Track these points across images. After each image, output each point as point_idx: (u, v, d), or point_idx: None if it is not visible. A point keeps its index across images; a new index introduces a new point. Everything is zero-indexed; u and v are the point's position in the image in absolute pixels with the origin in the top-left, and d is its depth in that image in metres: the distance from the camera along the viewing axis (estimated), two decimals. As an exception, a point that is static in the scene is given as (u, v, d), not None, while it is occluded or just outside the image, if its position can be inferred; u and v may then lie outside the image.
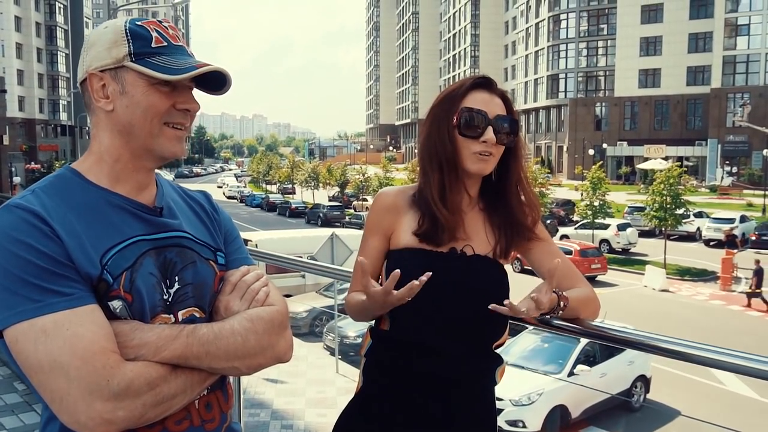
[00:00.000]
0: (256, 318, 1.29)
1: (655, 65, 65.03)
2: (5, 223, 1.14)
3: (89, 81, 1.25)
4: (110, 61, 1.23)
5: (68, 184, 1.25)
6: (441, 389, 1.64)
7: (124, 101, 1.24)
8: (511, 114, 1.70)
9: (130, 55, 1.23)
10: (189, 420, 1.27)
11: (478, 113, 1.65)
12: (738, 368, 1.47)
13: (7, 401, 4.43)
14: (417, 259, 1.63)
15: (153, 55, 1.24)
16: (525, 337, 12.57)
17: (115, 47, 1.23)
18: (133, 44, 1.23)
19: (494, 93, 1.69)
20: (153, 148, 1.26)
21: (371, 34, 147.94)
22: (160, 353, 1.16)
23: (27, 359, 1.10)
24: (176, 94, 1.26)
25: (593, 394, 11.28)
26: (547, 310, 1.60)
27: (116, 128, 1.25)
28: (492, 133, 1.64)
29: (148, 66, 1.22)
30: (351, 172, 56.82)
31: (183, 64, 1.24)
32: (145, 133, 1.25)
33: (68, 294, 1.12)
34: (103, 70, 1.24)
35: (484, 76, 1.72)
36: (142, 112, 1.23)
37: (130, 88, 1.23)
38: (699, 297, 22.52)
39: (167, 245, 1.28)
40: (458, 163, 1.67)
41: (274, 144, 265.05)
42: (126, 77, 1.23)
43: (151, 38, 1.25)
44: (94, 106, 1.27)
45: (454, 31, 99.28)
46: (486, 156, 1.65)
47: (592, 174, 31.11)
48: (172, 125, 1.27)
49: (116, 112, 1.24)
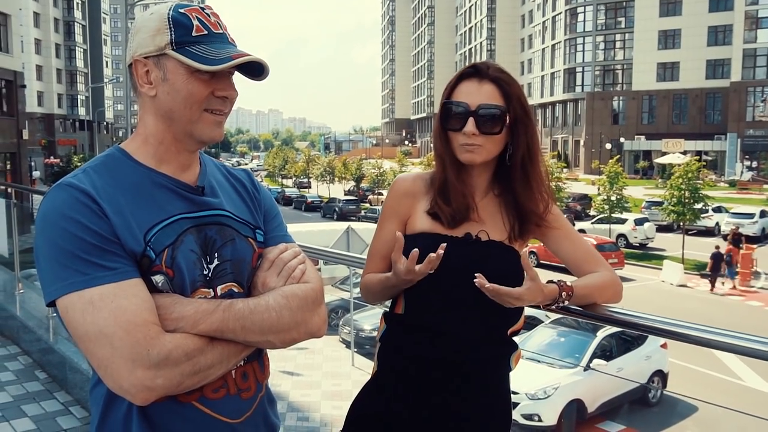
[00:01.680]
0: (291, 295, 1.34)
1: (673, 58, 64.26)
2: (58, 201, 1.22)
3: (134, 66, 1.31)
4: (153, 48, 1.28)
5: (117, 163, 1.32)
6: (455, 374, 1.65)
7: (166, 88, 1.29)
8: (510, 99, 1.64)
9: (172, 44, 1.28)
10: (225, 389, 1.33)
11: (458, 105, 1.65)
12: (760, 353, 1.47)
13: (29, 389, 4.49)
14: (431, 243, 1.63)
15: (193, 44, 1.28)
16: (541, 331, 12.54)
17: (159, 35, 1.28)
18: (174, 33, 1.28)
19: (485, 80, 1.65)
20: (193, 133, 1.32)
21: (387, 28, 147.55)
22: (197, 326, 1.23)
23: (76, 328, 1.18)
24: (215, 81, 1.30)
25: (610, 388, 11.23)
26: (545, 301, 1.60)
27: (159, 113, 1.31)
28: (473, 125, 1.62)
29: (187, 55, 1.27)
30: (366, 166, 56.88)
31: (221, 54, 1.28)
32: (185, 119, 1.30)
33: (114, 268, 1.19)
34: (146, 56, 1.29)
35: (474, 64, 1.69)
36: (182, 100, 1.29)
37: (171, 75, 1.28)
38: (718, 292, 22.32)
39: (208, 223, 1.34)
40: (453, 154, 1.69)
41: (290, 138, 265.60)
42: (167, 65, 1.28)
43: (192, 27, 1.29)
44: (140, 91, 1.32)
45: (470, 25, 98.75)
46: (471, 147, 1.65)
47: (609, 168, 30.87)
48: (212, 111, 1.32)
49: (159, 97, 1.30)
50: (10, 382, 4.60)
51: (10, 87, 27.17)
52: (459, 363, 1.65)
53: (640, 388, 11.93)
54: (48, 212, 1.22)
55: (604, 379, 11.24)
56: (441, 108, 1.69)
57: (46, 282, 1.21)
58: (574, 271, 1.76)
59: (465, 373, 1.66)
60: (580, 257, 1.75)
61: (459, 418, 1.66)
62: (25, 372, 4.83)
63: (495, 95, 1.64)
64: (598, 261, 1.76)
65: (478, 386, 1.68)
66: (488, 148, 1.66)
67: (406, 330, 1.71)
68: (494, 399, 1.71)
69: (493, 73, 1.65)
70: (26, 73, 37.91)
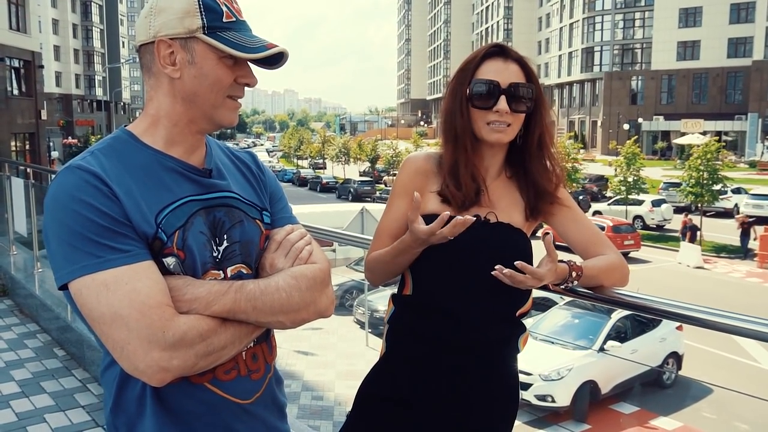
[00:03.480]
0: (300, 275, 1.35)
1: (694, 37, 63.14)
2: (68, 183, 1.22)
3: (157, 46, 1.28)
4: (182, 30, 1.27)
5: (125, 146, 1.31)
6: (463, 355, 1.66)
7: (192, 71, 1.28)
8: (532, 80, 1.67)
9: (203, 28, 1.27)
10: (237, 370, 1.35)
11: (490, 83, 1.64)
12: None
13: (48, 366, 4.58)
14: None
15: (225, 30, 1.28)
16: (555, 313, 12.53)
17: (188, 17, 1.27)
18: (206, 17, 1.27)
19: (509, 60, 1.67)
20: (213, 117, 1.33)
21: (403, 7, 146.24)
22: (210, 307, 1.24)
23: (90, 311, 1.18)
24: (237, 68, 1.31)
25: (624, 370, 11.22)
26: (557, 281, 1.60)
27: (180, 95, 1.30)
28: (505, 102, 1.63)
29: (221, 41, 1.27)
30: (382, 147, 56.70)
31: (253, 43, 1.29)
32: (209, 103, 1.31)
33: (127, 251, 1.20)
34: (173, 38, 1.27)
35: (497, 44, 1.70)
36: (210, 84, 1.29)
37: (200, 59, 1.28)
38: (735, 274, 22.12)
39: (216, 205, 1.35)
40: (474, 134, 1.68)
41: (305, 119, 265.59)
42: (196, 48, 1.27)
43: (222, 12, 1.29)
44: (158, 71, 1.30)
45: (487, 4, 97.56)
46: (502, 125, 1.65)
47: (627, 149, 30.56)
48: (232, 97, 1.33)
49: (183, 80, 1.29)
50: (29, 359, 4.70)
51: (29, 67, 27.31)
52: (467, 344, 1.66)
53: (654, 370, 11.91)
54: (58, 195, 1.21)
55: (618, 360, 11.24)
56: (467, 82, 1.66)
57: (57, 265, 1.21)
58: (580, 254, 1.76)
59: (473, 354, 1.66)
60: (588, 239, 1.75)
61: (467, 399, 1.67)
62: (43, 349, 4.92)
63: (521, 75, 1.66)
64: (605, 243, 1.76)
65: (486, 368, 1.68)
66: (514, 128, 1.67)
67: (414, 311, 1.71)
68: (502, 380, 1.72)
69: (514, 54, 1.68)
70: (44, 53, 38.08)
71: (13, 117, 25.57)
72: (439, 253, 1.63)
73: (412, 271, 1.71)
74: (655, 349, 12.01)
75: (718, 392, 10.60)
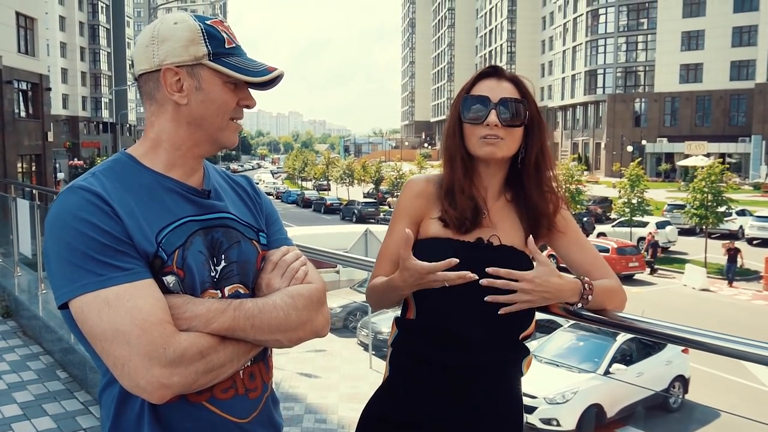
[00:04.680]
0: (296, 294, 1.38)
1: (697, 60, 63.46)
2: (71, 203, 1.24)
3: (163, 74, 1.32)
4: (188, 58, 1.31)
5: (125, 168, 1.34)
6: (467, 378, 1.65)
7: (200, 97, 1.33)
8: (526, 97, 1.68)
9: (209, 55, 1.32)
10: (234, 389, 1.36)
11: (480, 98, 1.66)
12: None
13: (50, 388, 4.56)
14: (443, 248, 1.64)
15: (228, 55, 1.34)
16: (560, 335, 12.43)
17: (193, 45, 1.31)
18: (210, 44, 1.32)
19: (503, 79, 1.70)
20: (218, 139, 1.38)
21: (407, 30, 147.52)
22: (210, 325, 1.25)
23: (92, 328, 1.19)
24: (239, 91, 1.37)
25: (629, 393, 11.10)
26: (571, 295, 1.60)
27: (185, 120, 1.34)
28: (495, 115, 1.64)
29: (226, 66, 1.32)
30: (386, 168, 56.90)
31: (255, 66, 1.35)
32: (215, 126, 1.36)
33: (128, 269, 1.21)
34: (179, 65, 1.31)
35: (492, 66, 1.74)
36: (216, 108, 1.34)
37: (207, 85, 1.33)
38: (741, 297, 21.98)
39: (214, 225, 1.38)
40: (467, 151, 1.69)
41: (310, 141, 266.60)
42: (203, 74, 1.32)
43: (223, 39, 1.34)
44: (162, 97, 1.34)
45: (491, 27, 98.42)
46: (493, 139, 1.65)
47: (631, 171, 30.56)
48: (234, 119, 1.39)
49: (190, 105, 1.33)
50: (31, 381, 4.68)
51: (36, 90, 27.53)
52: (471, 368, 1.65)
53: (660, 393, 11.77)
54: (60, 214, 1.23)
55: (623, 383, 11.12)
56: (459, 101, 1.70)
57: (58, 284, 1.22)
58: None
59: (477, 378, 1.65)
60: (589, 263, 1.75)
61: (471, 423, 1.65)
62: (46, 371, 4.90)
63: (514, 92, 1.68)
64: (605, 269, 1.76)
65: (490, 392, 1.67)
66: (508, 144, 1.67)
67: (418, 335, 1.70)
68: (506, 404, 1.71)
69: (507, 74, 1.71)
70: (52, 76, 38.44)
71: (20, 139, 25.73)
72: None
73: (415, 295, 1.70)
74: (661, 372, 11.89)
75: (725, 417, 10.48)
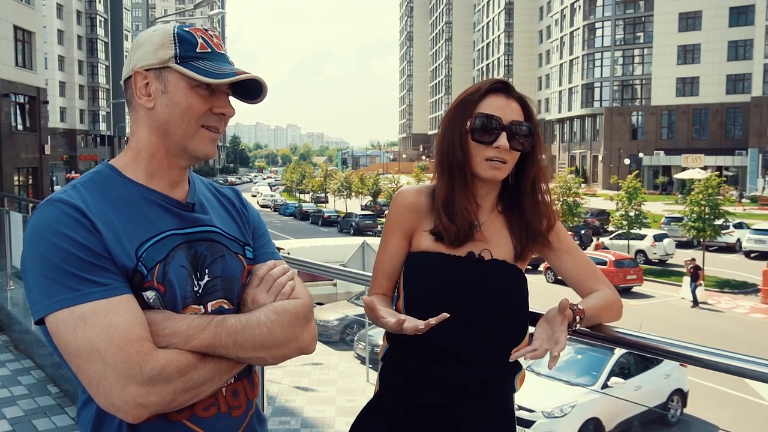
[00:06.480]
0: (282, 310, 1.33)
1: (693, 73, 63.80)
2: (48, 216, 1.20)
3: (134, 78, 1.31)
4: (156, 61, 1.30)
5: (106, 180, 1.31)
6: (458, 394, 1.62)
7: (165, 100, 1.30)
8: (530, 120, 1.66)
9: (176, 57, 1.30)
10: (216, 407, 1.32)
11: (492, 119, 1.62)
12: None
13: (41, 404, 4.51)
14: (434, 262, 1.62)
15: (197, 59, 1.30)
16: (558, 349, 12.37)
17: (162, 49, 1.30)
18: (179, 47, 1.30)
19: (511, 97, 1.66)
20: (187, 148, 1.32)
21: (405, 43, 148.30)
22: (190, 342, 1.21)
23: (67, 345, 1.15)
24: (214, 98, 1.32)
25: (628, 407, 11.04)
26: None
27: (154, 125, 1.31)
28: (505, 139, 1.61)
29: (191, 69, 1.28)
30: (383, 181, 56.97)
31: (224, 70, 1.30)
32: (181, 132, 1.31)
33: (105, 284, 1.18)
34: (148, 69, 1.30)
35: (501, 80, 1.68)
36: (181, 113, 1.30)
37: (172, 88, 1.29)
38: (739, 310, 21.95)
39: (198, 239, 1.34)
40: (470, 168, 1.65)
41: (308, 153, 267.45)
42: (169, 78, 1.30)
43: (196, 44, 1.32)
44: (136, 103, 1.32)
45: (488, 41, 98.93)
46: (499, 163, 1.62)
47: (628, 183, 30.63)
48: (208, 128, 1.33)
49: (156, 110, 1.30)
50: (22, 396, 4.63)
51: (33, 103, 27.55)
52: (462, 384, 1.62)
53: (659, 407, 11.71)
54: (38, 227, 1.20)
55: (622, 397, 11.05)
56: (472, 118, 1.63)
57: (34, 300, 1.18)
58: (575, 288, 1.74)
59: (468, 394, 1.62)
60: (582, 274, 1.73)
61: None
62: (37, 386, 4.85)
63: (521, 114, 1.65)
64: (599, 278, 1.74)
65: (481, 408, 1.64)
66: (509, 166, 1.65)
67: (409, 350, 1.67)
68: (498, 421, 1.68)
69: (516, 92, 1.68)
70: (49, 89, 38.56)
71: (17, 152, 25.71)
72: (434, 292, 1.60)
73: (406, 310, 1.67)
74: (659, 385, 11.84)
75: (723, 429, 10.42)
